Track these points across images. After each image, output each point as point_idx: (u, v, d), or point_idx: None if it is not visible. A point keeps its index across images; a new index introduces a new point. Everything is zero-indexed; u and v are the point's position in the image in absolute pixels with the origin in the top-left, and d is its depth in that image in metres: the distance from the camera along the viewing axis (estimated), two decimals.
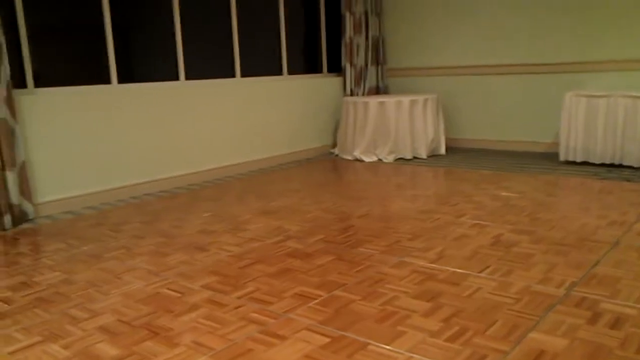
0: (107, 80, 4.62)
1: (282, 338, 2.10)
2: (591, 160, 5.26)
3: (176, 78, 5.13)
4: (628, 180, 4.56)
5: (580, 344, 1.98)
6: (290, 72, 6.31)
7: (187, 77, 5.21)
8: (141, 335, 2.17)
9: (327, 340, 2.08)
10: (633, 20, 5.37)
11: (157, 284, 2.70)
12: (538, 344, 1.99)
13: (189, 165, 5.17)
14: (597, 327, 2.09)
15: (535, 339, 2.02)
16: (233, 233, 3.52)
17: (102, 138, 4.50)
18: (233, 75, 5.65)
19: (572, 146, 5.33)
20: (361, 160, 6.08)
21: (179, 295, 2.56)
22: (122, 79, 4.71)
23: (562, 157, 5.41)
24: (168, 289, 2.64)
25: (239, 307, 2.40)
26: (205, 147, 5.30)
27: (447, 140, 6.78)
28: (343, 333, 2.13)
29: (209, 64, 5.45)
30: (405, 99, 5.95)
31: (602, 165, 5.26)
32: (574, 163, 5.40)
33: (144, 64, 4.94)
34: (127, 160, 4.68)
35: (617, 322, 2.12)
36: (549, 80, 5.94)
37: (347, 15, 6.56)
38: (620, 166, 5.17)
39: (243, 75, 5.74)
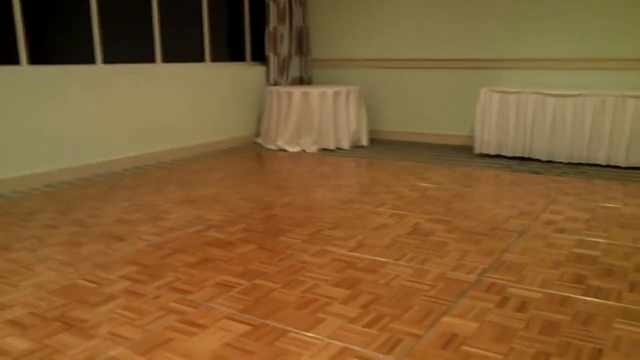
0: (16, 61, 4.38)
1: (202, 327, 2.09)
2: (504, 153, 5.52)
3: (93, 61, 4.93)
4: (536, 173, 4.82)
5: (489, 326, 2.08)
6: (213, 60, 6.22)
7: (105, 61, 5.02)
8: (54, 327, 2.10)
9: (248, 328, 2.08)
10: (546, 20, 5.66)
11: (71, 275, 2.60)
12: (450, 327, 2.08)
13: (107, 152, 5.00)
14: (505, 310, 2.21)
15: (448, 323, 2.11)
16: (152, 222, 3.44)
17: (12, 123, 4.27)
18: (154, 61, 5.50)
19: (486, 140, 5.58)
20: (285, 150, 6.09)
21: (94, 286, 2.48)
22: (33, 60, 4.47)
23: (477, 150, 5.65)
24: (83, 279, 2.55)
25: (158, 297, 2.36)
26: (125, 134, 5.14)
27: (370, 132, 6.91)
28: (264, 321, 2.14)
29: (128, 47, 5.28)
30: (329, 90, 6.01)
31: (514, 158, 5.54)
32: (488, 156, 5.65)
33: (59, 45, 4.72)
34: (40, 147, 4.47)
35: (522, 306, 2.25)
36: (466, 76, 6.17)
37: (271, 4, 6.53)
38: (530, 159, 5.45)
39: (164, 60, 5.60)
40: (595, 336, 2.00)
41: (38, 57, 4.52)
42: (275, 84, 6.71)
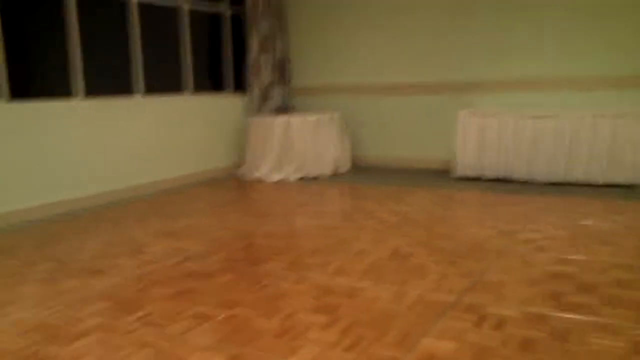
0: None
1: None
2: (484, 175, 5.56)
3: (73, 95, 4.93)
4: (516, 193, 4.85)
5: (467, 346, 2.07)
6: (194, 91, 6.25)
7: (86, 95, 5.02)
8: None
9: (224, 359, 2.05)
10: (522, 42, 5.76)
11: (44, 312, 2.56)
12: (429, 348, 2.07)
13: (88, 187, 4.96)
14: (483, 330, 2.20)
15: (427, 344, 2.10)
16: (131, 256, 3.41)
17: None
18: (135, 93, 5.52)
19: (466, 162, 5.62)
20: (267, 179, 6.09)
21: (69, 322, 2.44)
22: (13, 95, 4.47)
23: (457, 173, 5.68)
24: (57, 316, 2.51)
25: (132, 331, 2.32)
26: (106, 167, 5.12)
27: (352, 157, 6.94)
28: (241, 350, 2.11)
29: (109, 81, 5.29)
30: (310, 118, 6.04)
31: (494, 179, 5.57)
32: (468, 178, 5.69)
33: (39, 79, 4.73)
34: (20, 182, 4.43)
35: (500, 324, 2.25)
36: (445, 100, 6.24)
37: (253, 34, 6.60)
38: (510, 180, 5.49)
39: (146, 93, 5.62)
40: (572, 351, 2.00)
41: (18, 91, 4.52)
42: (258, 113, 6.75)
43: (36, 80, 4.74)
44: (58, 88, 4.87)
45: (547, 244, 3.33)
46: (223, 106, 6.47)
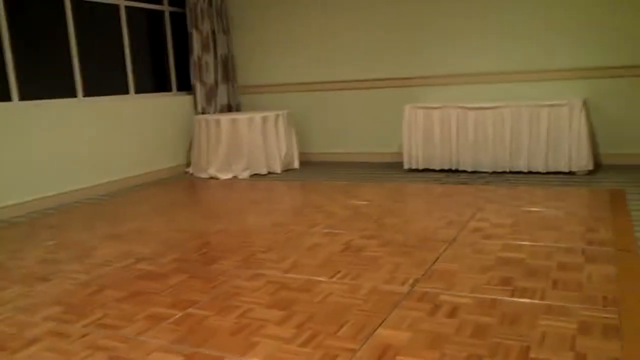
0: None
1: None
2: (432, 167, 5.67)
3: (8, 99, 4.75)
4: (463, 184, 4.97)
5: (422, 334, 2.11)
6: (137, 91, 6.11)
7: (22, 98, 4.84)
8: None
9: (181, 358, 2.03)
10: (463, 37, 5.90)
11: None
12: (385, 339, 2.10)
13: (28, 192, 4.79)
14: (437, 318, 2.25)
15: (382, 335, 2.13)
16: (79, 260, 3.32)
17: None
18: (75, 95, 5.36)
19: (414, 155, 5.72)
20: (216, 178, 6.03)
21: (15, 330, 2.35)
22: None
23: (406, 166, 5.78)
24: (3, 325, 2.42)
25: (85, 335, 2.26)
26: (47, 171, 4.95)
27: (300, 154, 6.94)
28: (197, 349, 2.09)
29: (47, 83, 5.12)
30: (257, 116, 6.01)
31: (442, 171, 5.69)
32: (416, 170, 5.78)
33: None
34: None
35: (453, 312, 2.30)
36: (390, 94, 6.33)
37: (195, 33, 6.51)
38: (457, 171, 5.62)
39: (86, 94, 5.46)
40: (523, 334, 2.07)
41: None
42: (203, 112, 6.67)
43: None
44: None
45: (495, 232, 3.42)
46: (168, 106, 6.36)
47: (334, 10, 6.47)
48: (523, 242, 3.19)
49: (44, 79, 5.08)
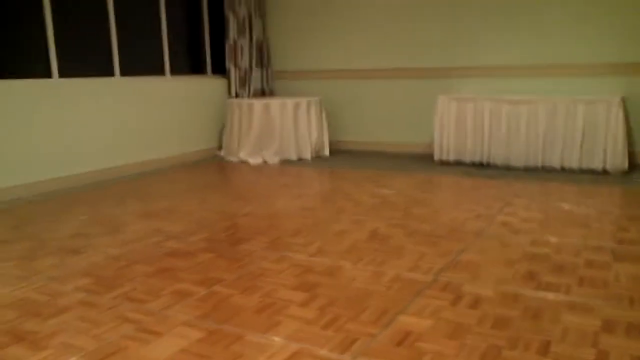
0: None
1: (158, 334, 2.08)
2: (462, 160, 5.63)
3: (49, 75, 4.87)
4: (494, 178, 4.93)
5: (443, 323, 2.12)
6: (173, 73, 6.20)
7: (62, 75, 4.96)
8: (3, 341, 2.06)
9: (204, 334, 2.08)
10: (499, 29, 5.82)
11: (24, 289, 2.56)
12: (405, 325, 2.11)
13: (65, 168, 4.92)
14: (458, 308, 2.25)
15: (403, 321, 2.15)
16: (111, 235, 3.40)
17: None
18: (112, 74, 5.46)
19: (445, 147, 5.68)
20: (247, 162, 6.09)
21: (48, 298, 2.44)
22: None
23: (436, 157, 5.74)
24: (36, 292, 2.51)
25: (114, 307, 2.33)
26: (84, 148, 5.07)
27: (331, 142, 6.96)
28: (220, 326, 2.14)
29: (86, 61, 5.23)
30: (289, 102, 6.04)
31: (472, 164, 5.64)
32: (447, 163, 5.75)
33: (13, 58, 4.65)
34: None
35: (475, 303, 2.30)
36: (424, 85, 6.28)
37: (231, 16, 6.55)
38: (488, 165, 5.57)
39: (123, 74, 5.56)
40: (545, 329, 2.06)
41: None
42: (237, 96, 6.72)
43: (11, 59, 4.66)
44: (34, 68, 4.79)
45: (523, 227, 3.39)
46: (202, 89, 6.43)
47: (369, 1, 6.44)
48: (551, 238, 3.16)
49: (83, 57, 5.19)
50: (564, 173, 5.10)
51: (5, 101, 4.42)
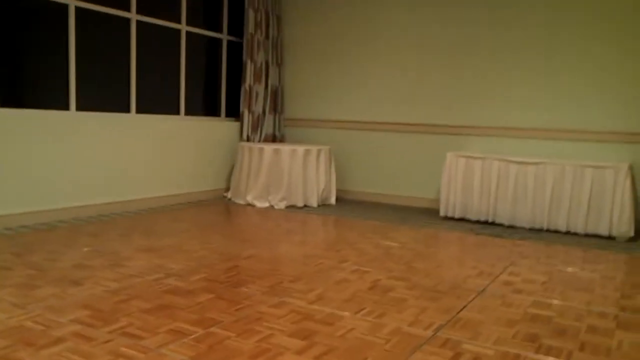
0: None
1: None
2: (468, 217, 5.62)
3: (66, 108, 4.96)
4: (499, 237, 4.91)
5: None
6: (187, 113, 6.30)
7: (79, 108, 5.05)
8: None
9: None
10: (511, 90, 5.91)
11: (20, 317, 2.54)
12: None
13: (73, 198, 4.95)
14: None
15: None
16: (112, 269, 3.40)
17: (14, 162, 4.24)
18: (128, 111, 5.56)
19: (451, 203, 5.68)
20: (253, 205, 6.11)
21: (43, 328, 2.42)
22: (4, 103, 4.49)
23: (442, 213, 5.74)
24: (32, 321, 2.49)
25: (109, 341, 2.31)
26: (93, 180, 5.12)
27: (338, 191, 6.98)
28: None
29: (103, 96, 5.33)
30: (300, 148, 6.11)
31: (478, 222, 5.63)
32: (452, 219, 5.74)
33: (33, 89, 4.76)
34: (3, 188, 4.42)
35: None
36: (433, 140, 6.34)
37: (249, 63, 6.70)
38: (493, 223, 5.55)
39: (139, 111, 5.66)
40: None
41: (10, 99, 4.54)
42: (248, 140, 6.80)
43: (33, 90, 4.76)
44: (54, 100, 4.89)
45: (526, 287, 3.36)
46: (215, 130, 6.52)
47: (385, 54, 6.58)
48: (554, 301, 3.12)
49: (101, 93, 5.30)
50: (570, 236, 5.07)
51: (23, 130, 4.50)
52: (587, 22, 5.55)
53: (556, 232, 5.25)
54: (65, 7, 4.90)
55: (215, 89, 6.80)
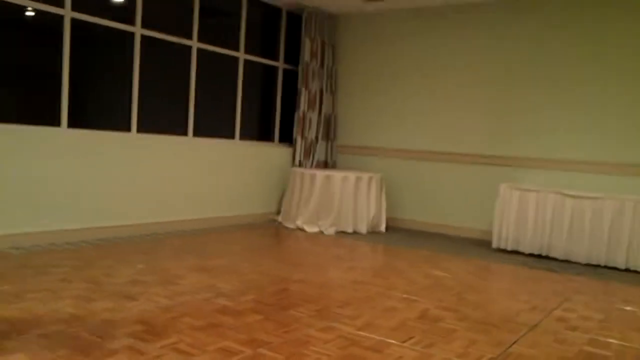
0: (57, 123, 4.62)
1: None
2: (521, 250, 5.49)
3: (128, 129, 5.16)
4: (553, 271, 4.77)
5: None
6: (242, 137, 6.44)
7: (139, 130, 5.25)
8: None
9: None
10: (565, 122, 5.79)
11: (78, 328, 2.63)
12: None
13: (131, 217, 5.12)
14: None
15: None
16: (164, 286, 3.48)
17: (45, 179, 4.45)
18: (185, 134, 5.73)
19: (504, 235, 5.57)
20: (303, 230, 6.15)
21: (99, 340, 2.50)
22: (72, 124, 4.71)
23: (494, 245, 5.63)
24: (89, 333, 2.58)
25: (160, 356, 2.37)
26: (150, 201, 5.28)
27: (388, 219, 6.95)
28: None
29: (163, 119, 5.53)
30: (352, 175, 6.13)
31: (531, 255, 5.49)
32: (505, 251, 5.62)
33: (97, 110, 4.98)
34: (65, 204, 4.61)
35: None
36: (485, 171, 6.26)
37: (303, 90, 6.82)
38: (547, 257, 5.40)
39: (195, 134, 5.83)
40: None
41: (77, 120, 4.76)
42: (300, 165, 6.88)
43: (99, 112, 4.99)
44: (118, 122, 5.11)
45: (581, 324, 3.25)
46: (268, 155, 6.63)
47: (438, 85, 6.57)
48: (611, 340, 3.01)
49: (161, 116, 5.50)
50: (629, 274, 4.88)
51: (85, 149, 4.70)
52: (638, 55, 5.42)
53: (615, 269, 5.06)
54: (131, 35, 5.13)
55: (270, 114, 6.93)
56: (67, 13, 4.60)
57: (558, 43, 5.86)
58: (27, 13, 4.44)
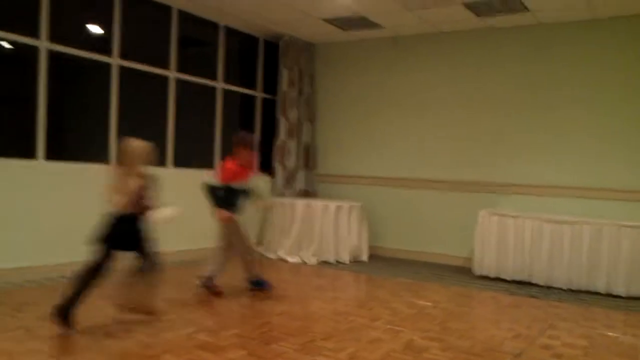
0: (32, 156, 4.54)
1: None
2: (503, 277, 5.50)
3: (106, 161, 5.10)
4: (535, 297, 4.78)
5: None
6: None
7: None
8: None
9: None
10: (544, 148, 5.87)
11: None
12: None
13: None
14: None
15: None
16: (146, 323, 3.41)
17: (19, 214, 4.36)
18: (164, 164, 5.68)
19: (485, 262, 5.58)
20: (285, 260, 6.10)
21: None
22: (49, 156, 4.64)
23: (476, 272, 5.64)
24: None
25: None
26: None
27: (370, 247, 6.92)
28: None
29: None
30: (332, 204, 6.13)
31: (513, 281, 5.50)
32: (487, 278, 5.62)
33: (75, 142, 4.93)
34: (43, 239, 4.52)
35: None
36: (465, 198, 6.30)
37: (282, 119, 6.83)
38: (529, 284, 5.42)
39: (175, 165, 5.78)
40: None
41: (54, 153, 4.69)
42: (281, 195, 6.85)
43: (75, 144, 4.94)
44: (95, 153, 5.05)
45: (566, 352, 3.25)
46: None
47: (416, 112, 6.63)
48: None
49: None
50: (610, 299, 4.91)
51: (62, 182, 4.63)
52: (626, 83, 5.54)
53: (596, 293, 5.09)
54: (108, 65, 5.11)
55: None
56: (43, 44, 4.57)
57: (536, 68, 5.97)
58: (2, 44, 4.40)
